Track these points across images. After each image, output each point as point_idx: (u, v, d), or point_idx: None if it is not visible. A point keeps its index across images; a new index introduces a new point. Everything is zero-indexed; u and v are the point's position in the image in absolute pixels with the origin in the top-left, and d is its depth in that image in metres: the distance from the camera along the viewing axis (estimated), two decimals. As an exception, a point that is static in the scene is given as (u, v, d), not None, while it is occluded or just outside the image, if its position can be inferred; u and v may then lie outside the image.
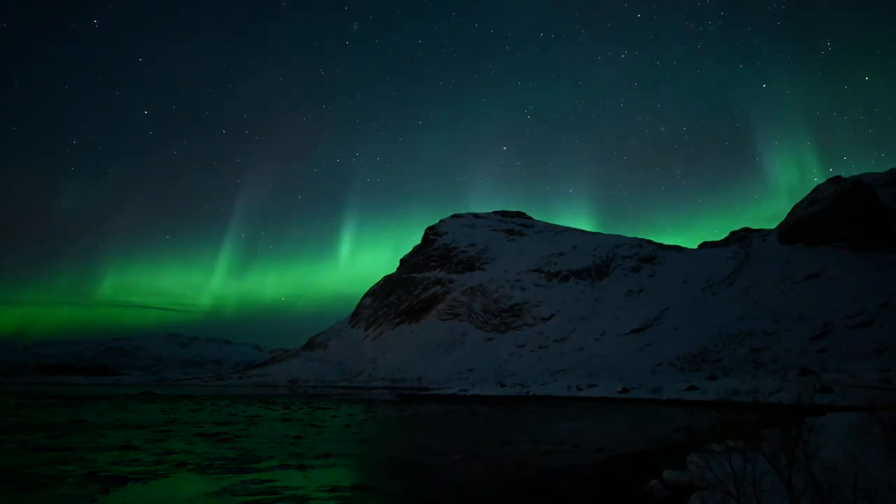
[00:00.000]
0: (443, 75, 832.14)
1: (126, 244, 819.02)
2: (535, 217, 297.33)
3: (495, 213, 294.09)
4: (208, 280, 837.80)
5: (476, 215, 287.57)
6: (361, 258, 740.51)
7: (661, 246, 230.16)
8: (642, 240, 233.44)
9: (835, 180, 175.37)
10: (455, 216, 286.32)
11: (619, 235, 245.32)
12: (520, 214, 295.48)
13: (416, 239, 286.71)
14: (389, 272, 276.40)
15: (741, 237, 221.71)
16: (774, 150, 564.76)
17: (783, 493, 7.39)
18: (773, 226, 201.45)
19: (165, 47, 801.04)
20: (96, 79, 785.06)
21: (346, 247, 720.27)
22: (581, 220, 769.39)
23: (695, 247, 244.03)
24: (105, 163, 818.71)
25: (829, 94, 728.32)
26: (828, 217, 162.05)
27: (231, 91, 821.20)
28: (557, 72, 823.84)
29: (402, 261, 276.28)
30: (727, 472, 7.88)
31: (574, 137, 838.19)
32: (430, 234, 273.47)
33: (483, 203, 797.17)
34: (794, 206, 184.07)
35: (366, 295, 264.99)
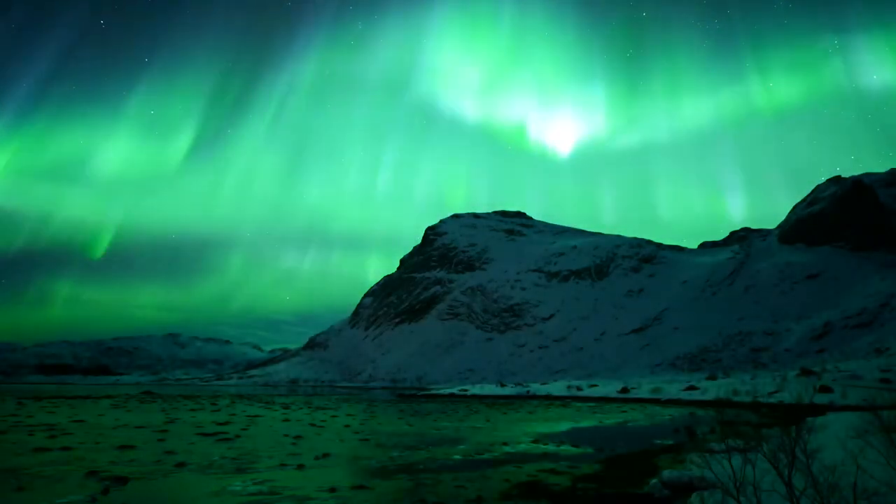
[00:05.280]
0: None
1: (127, 242, 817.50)
2: (535, 217, 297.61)
3: (495, 213, 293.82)
4: (208, 279, 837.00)
5: (476, 215, 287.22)
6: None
7: (661, 246, 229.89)
8: (642, 240, 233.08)
9: (835, 180, 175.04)
10: (455, 216, 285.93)
11: (619, 235, 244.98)
12: (520, 214, 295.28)
13: (417, 239, 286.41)
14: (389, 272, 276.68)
15: (741, 237, 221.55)
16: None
17: (783, 493, 7.39)
18: (773, 226, 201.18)
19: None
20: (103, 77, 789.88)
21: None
22: (581, 220, 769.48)
23: (695, 247, 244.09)
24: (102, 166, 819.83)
25: (833, 93, 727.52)
26: (828, 217, 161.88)
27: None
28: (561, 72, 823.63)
29: (402, 261, 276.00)
30: (727, 472, 7.87)
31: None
32: (430, 234, 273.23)
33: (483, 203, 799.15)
34: (795, 206, 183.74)
35: (366, 295, 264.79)
